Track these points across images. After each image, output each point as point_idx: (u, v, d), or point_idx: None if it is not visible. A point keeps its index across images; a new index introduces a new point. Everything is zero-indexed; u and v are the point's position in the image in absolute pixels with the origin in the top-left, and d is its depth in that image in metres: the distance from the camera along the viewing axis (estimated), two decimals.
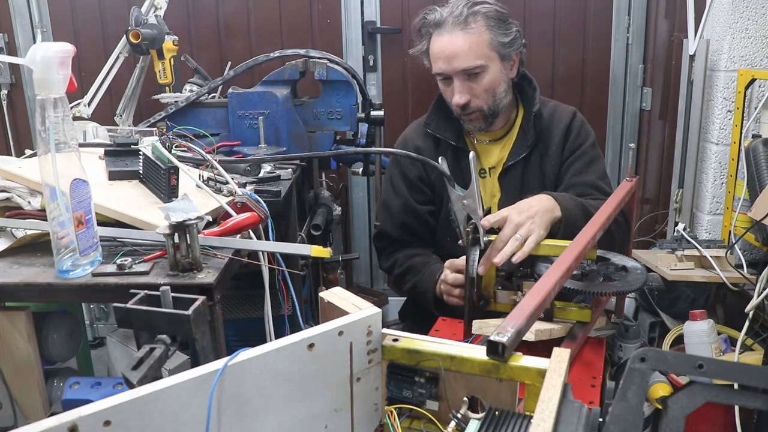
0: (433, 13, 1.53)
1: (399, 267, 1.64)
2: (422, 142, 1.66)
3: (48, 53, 0.94)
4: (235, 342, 1.73)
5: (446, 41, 1.50)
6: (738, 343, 1.65)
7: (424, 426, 0.79)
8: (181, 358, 0.77)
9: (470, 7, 1.50)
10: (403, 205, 1.65)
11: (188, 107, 1.93)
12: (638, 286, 1.21)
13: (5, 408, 1.19)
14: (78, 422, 0.53)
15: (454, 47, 1.49)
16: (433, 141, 1.66)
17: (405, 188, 1.66)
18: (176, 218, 1.01)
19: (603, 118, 2.71)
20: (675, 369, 0.63)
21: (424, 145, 1.65)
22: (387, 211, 1.70)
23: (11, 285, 1.04)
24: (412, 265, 1.60)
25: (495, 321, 1.22)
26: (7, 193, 1.23)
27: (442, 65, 1.52)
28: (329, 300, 0.80)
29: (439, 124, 1.64)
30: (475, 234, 1.22)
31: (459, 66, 1.50)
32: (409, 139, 1.69)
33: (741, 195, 1.92)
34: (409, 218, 1.65)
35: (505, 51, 1.53)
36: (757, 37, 2.01)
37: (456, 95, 1.52)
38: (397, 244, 1.68)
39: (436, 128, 1.64)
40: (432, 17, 1.53)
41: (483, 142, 1.65)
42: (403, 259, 1.64)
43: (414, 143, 1.66)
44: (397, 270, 1.64)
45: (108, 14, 2.57)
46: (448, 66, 1.51)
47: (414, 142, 1.67)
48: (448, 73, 1.52)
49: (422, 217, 1.65)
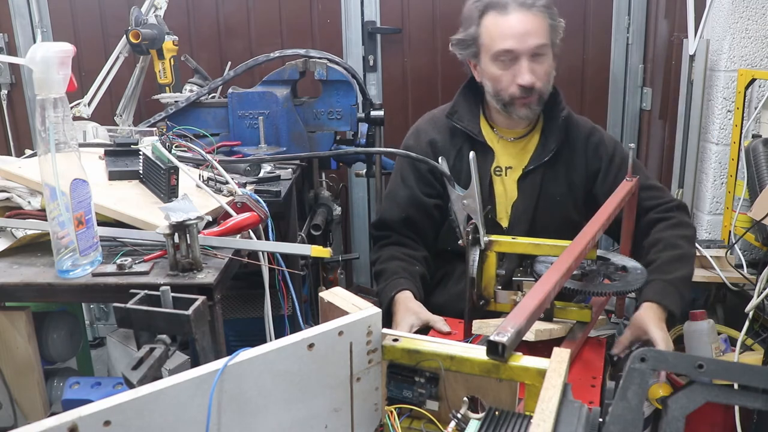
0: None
1: (379, 264, 1.59)
2: (438, 134, 1.62)
3: (48, 53, 0.94)
4: (235, 342, 1.73)
5: (516, 20, 1.48)
6: (738, 343, 1.65)
7: (424, 426, 0.79)
8: (181, 358, 0.77)
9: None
10: (409, 197, 1.62)
11: (188, 107, 1.93)
12: (638, 286, 1.21)
13: (5, 408, 1.19)
14: (78, 422, 0.53)
15: (525, 25, 1.47)
16: (449, 133, 1.62)
17: (414, 179, 1.62)
18: (176, 218, 1.01)
19: (603, 118, 2.71)
20: (675, 369, 0.63)
21: (440, 138, 1.61)
22: (392, 200, 1.66)
23: (11, 285, 1.04)
24: (386, 269, 1.55)
25: (495, 321, 1.22)
26: (7, 193, 1.23)
27: (512, 42, 1.48)
28: (329, 300, 0.80)
29: (463, 116, 1.61)
30: (475, 234, 1.22)
31: (532, 43, 1.47)
32: (423, 132, 1.65)
33: (741, 195, 1.92)
34: (414, 211, 1.61)
35: (556, 39, 1.53)
36: (757, 37, 2.01)
37: (526, 74, 1.48)
38: (393, 236, 1.63)
39: (460, 119, 1.60)
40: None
41: (508, 139, 1.62)
42: (385, 257, 1.59)
43: (429, 136, 1.62)
44: (376, 267, 1.60)
45: (108, 14, 2.57)
46: (520, 44, 1.47)
47: (429, 134, 1.63)
48: (520, 51, 1.48)
49: (428, 211, 1.62)
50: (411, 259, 1.58)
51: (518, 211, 1.59)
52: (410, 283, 1.49)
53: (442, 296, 1.62)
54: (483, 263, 1.23)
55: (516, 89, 1.51)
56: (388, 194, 1.70)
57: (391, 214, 1.64)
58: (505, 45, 1.49)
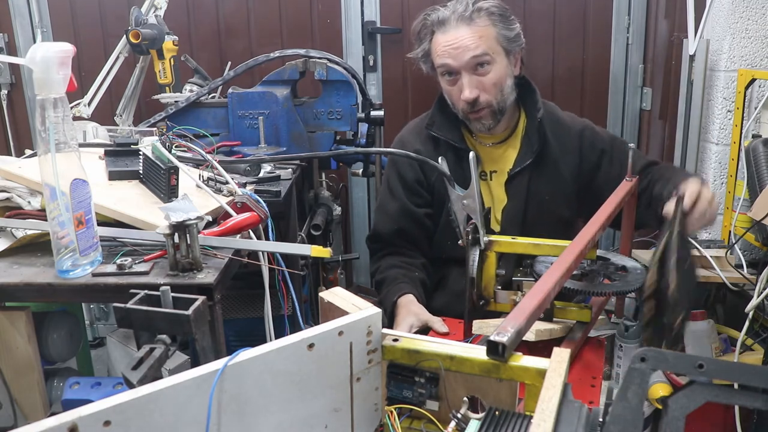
0: (435, 13, 1.52)
1: (379, 274, 1.61)
2: (421, 144, 1.63)
3: (48, 53, 0.94)
4: (235, 342, 1.73)
5: (452, 36, 1.49)
6: (738, 343, 1.65)
7: (424, 426, 0.79)
8: (181, 358, 0.77)
9: (474, 3, 1.50)
10: (399, 209, 1.63)
11: (188, 107, 1.93)
12: (638, 286, 1.21)
13: (5, 408, 1.19)
14: (78, 422, 0.53)
15: (460, 41, 1.48)
16: (432, 143, 1.63)
17: (402, 191, 1.63)
18: (176, 218, 1.01)
19: (603, 118, 2.71)
20: (675, 369, 0.63)
21: (424, 148, 1.62)
22: (384, 213, 1.67)
23: (11, 285, 1.04)
24: (387, 277, 1.57)
25: (495, 321, 1.22)
26: (7, 193, 1.23)
27: (448, 60, 1.50)
28: (329, 300, 0.80)
29: (442, 125, 1.61)
30: (475, 234, 1.22)
31: (467, 56, 1.48)
32: (407, 142, 1.65)
33: (741, 195, 1.92)
34: (406, 222, 1.63)
35: (510, 46, 1.53)
36: (757, 37, 2.01)
37: (466, 90, 1.50)
38: (389, 248, 1.65)
39: (438, 129, 1.61)
40: (434, 16, 1.52)
41: (486, 145, 1.63)
42: (384, 267, 1.61)
43: (412, 146, 1.62)
44: (377, 277, 1.62)
45: (108, 14, 2.57)
46: (455, 60, 1.49)
47: (413, 145, 1.63)
48: (456, 67, 1.50)
49: (419, 220, 1.63)
50: (409, 266, 1.59)
51: (509, 214, 1.60)
52: (411, 287, 1.50)
53: (441, 299, 1.62)
54: (483, 263, 1.23)
55: (464, 104, 1.53)
56: (379, 207, 1.72)
57: (384, 227, 1.66)
58: (443, 61, 1.52)
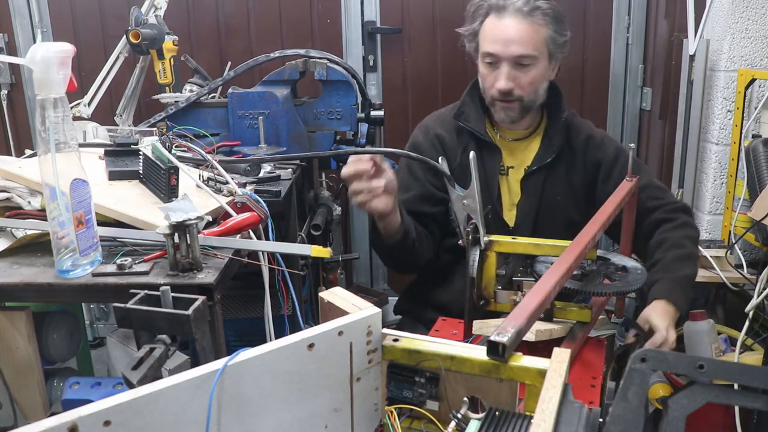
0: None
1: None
2: (444, 131, 1.64)
3: (48, 53, 0.94)
4: (235, 342, 1.73)
5: (508, 24, 1.48)
6: (738, 343, 1.65)
7: (424, 426, 0.79)
8: (181, 358, 0.77)
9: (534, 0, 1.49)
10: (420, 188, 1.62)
11: (188, 107, 1.93)
12: (638, 286, 1.21)
13: (5, 408, 1.19)
14: (78, 422, 0.53)
15: (514, 32, 1.47)
16: (456, 132, 1.64)
17: (421, 172, 1.63)
18: (176, 218, 1.01)
19: (603, 118, 2.71)
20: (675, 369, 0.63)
21: (447, 135, 1.63)
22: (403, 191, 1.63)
23: (11, 285, 1.04)
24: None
25: (495, 321, 1.22)
26: (7, 193, 1.23)
27: (496, 47, 1.49)
28: (329, 300, 0.80)
29: (470, 116, 1.62)
30: (475, 234, 1.22)
31: (514, 51, 1.48)
32: (430, 127, 1.67)
33: (741, 195, 1.92)
34: (424, 206, 1.61)
35: (556, 51, 1.53)
36: (757, 37, 2.01)
37: (502, 80, 1.50)
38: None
39: (467, 119, 1.62)
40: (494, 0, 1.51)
41: (507, 140, 1.64)
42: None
43: (436, 131, 1.64)
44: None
45: (108, 14, 2.57)
46: (503, 49, 1.48)
47: (436, 130, 1.65)
48: (501, 56, 1.49)
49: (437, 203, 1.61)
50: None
51: (523, 211, 1.60)
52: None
53: (446, 295, 1.63)
54: (483, 263, 1.23)
55: (496, 92, 1.53)
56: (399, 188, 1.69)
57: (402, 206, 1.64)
58: (489, 48, 1.51)
